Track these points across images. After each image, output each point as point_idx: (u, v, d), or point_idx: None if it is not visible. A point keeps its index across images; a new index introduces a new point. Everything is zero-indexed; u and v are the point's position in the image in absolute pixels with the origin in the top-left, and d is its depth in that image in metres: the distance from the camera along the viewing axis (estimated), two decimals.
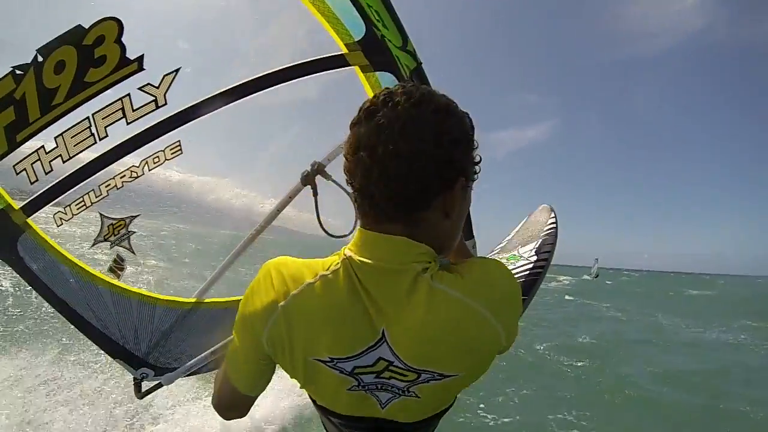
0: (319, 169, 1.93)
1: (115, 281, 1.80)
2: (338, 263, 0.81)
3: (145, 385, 2.03)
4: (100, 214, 1.68)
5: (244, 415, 1.02)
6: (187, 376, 2.05)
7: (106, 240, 1.72)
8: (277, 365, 0.91)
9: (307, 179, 1.94)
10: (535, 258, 1.93)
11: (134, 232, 1.75)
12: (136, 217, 1.74)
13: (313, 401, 0.95)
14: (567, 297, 21.69)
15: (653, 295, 25.09)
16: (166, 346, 2.02)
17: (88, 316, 1.78)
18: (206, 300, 2.03)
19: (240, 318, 0.88)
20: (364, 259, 0.78)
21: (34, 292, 1.61)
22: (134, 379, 2.01)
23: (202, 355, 1.96)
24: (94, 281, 1.76)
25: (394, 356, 0.78)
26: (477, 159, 0.83)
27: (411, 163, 0.72)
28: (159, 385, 1.99)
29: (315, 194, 1.97)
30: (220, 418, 1.06)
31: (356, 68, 1.56)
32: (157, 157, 1.66)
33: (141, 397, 2.03)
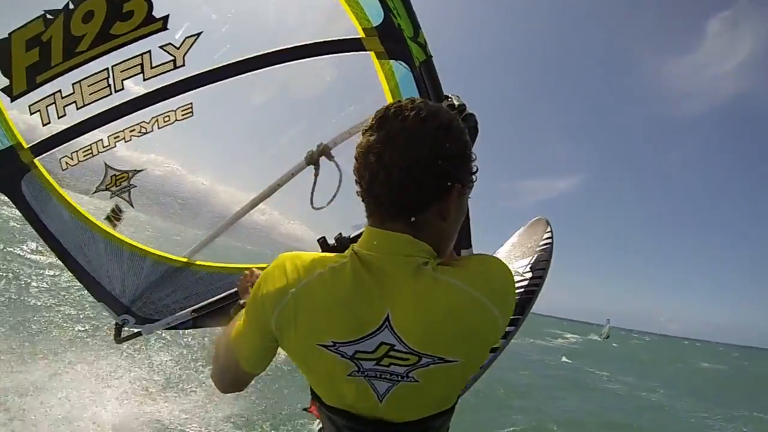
0: (324, 151, 1.97)
1: (110, 230, 1.84)
2: (346, 257, 0.88)
3: (126, 333, 2.09)
4: (105, 164, 1.72)
5: (242, 390, 1.11)
6: (166, 329, 2.12)
7: (107, 189, 1.75)
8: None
9: (312, 158, 1.98)
10: (530, 275, 1.97)
11: (135, 186, 1.79)
12: (140, 171, 1.78)
13: (316, 402, 0.99)
14: (564, 359, 19.70)
15: (661, 365, 23.41)
16: (151, 298, 2.07)
17: (80, 258, 1.82)
18: (197, 262, 2.08)
19: (252, 300, 0.95)
20: (371, 252, 0.86)
21: None
22: (116, 323, 2.06)
23: (183, 312, 2.02)
24: (90, 227, 1.80)
25: (396, 339, 0.83)
26: (474, 169, 0.92)
27: (411, 171, 0.81)
28: (139, 334, 2.05)
29: (316, 174, 2.01)
30: None
31: (371, 54, 1.59)
32: (168, 116, 1.69)
33: (119, 342, 2.08)
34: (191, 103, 1.70)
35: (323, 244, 1.71)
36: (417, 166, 0.81)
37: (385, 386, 0.87)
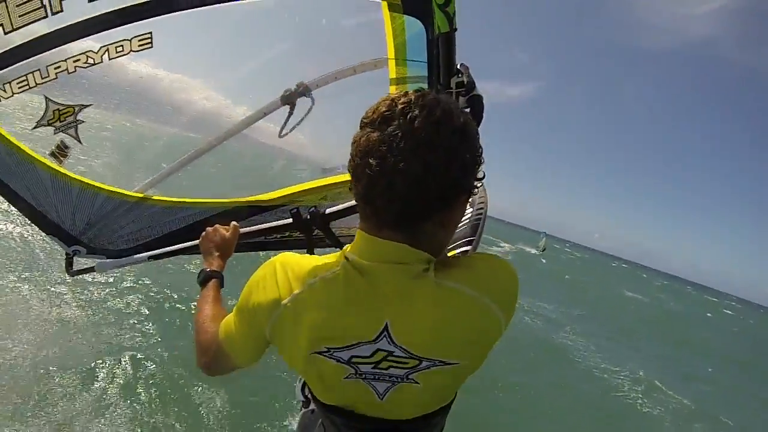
0: (303, 91, 1.80)
1: (56, 166, 1.63)
2: (338, 266, 0.84)
3: (79, 266, 2.00)
4: (45, 97, 1.45)
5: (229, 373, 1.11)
6: (120, 267, 2.05)
7: (50, 125, 1.50)
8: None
9: (288, 98, 1.81)
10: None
11: (83, 122, 1.54)
12: (87, 106, 1.52)
13: (314, 400, 1.00)
14: None
15: (586, 290, 20.47)
16: (103, 230, 1.95)
17: (26, 196, 1.64)
18: (153, 197, 1.93)
19: (243, 307, 0.94)
20: (366, 261, 0.81)
21: None
22: (66, 254, 1.95)
23: (139, 256, 1.93)
24: (33, 163, 1.58)
25: (395, 347, 0.82)
26: (481, 175, 0.84)
27: (418, 183, 0.73)
28: (92, 269, 1.97)
29: (290, 113, 1.86)
30: None
31: (383, 4, 1.37)
32: (121, 46, 1.41)
33: (71, 275, 2.00)
34: (150, 33, 1.41)
35: (296, 216, 1.65)
36: (424, 176, 0.72)
37: (385, 386, 0.88)
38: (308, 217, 1.62)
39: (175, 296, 5.31)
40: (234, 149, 2.06)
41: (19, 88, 1.38)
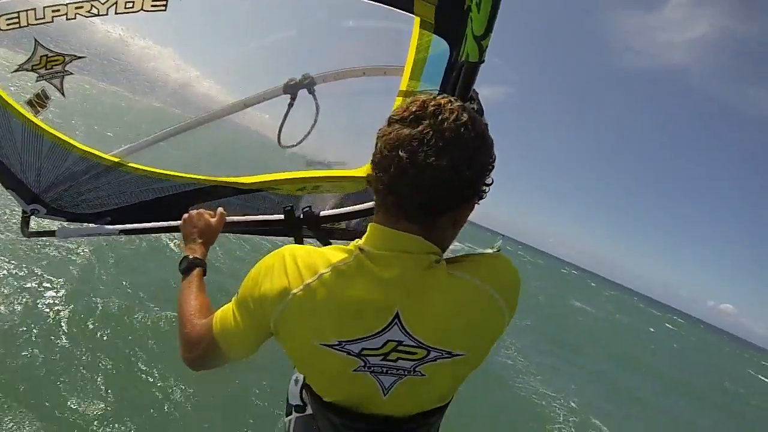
0: (307, 84, 1.77)
1: (30, 115, 1.50)
2: (350, 257, 0.86)
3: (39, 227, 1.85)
4: (35, 40, 1.33)
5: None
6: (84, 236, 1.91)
7: (34, 70, 1.38)
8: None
9: (292, 88, 1.77)
10: None
11: (71, 74, 1.43)
12: (80, 58, 1.42)
13: (312, 401, 1.00)
14: None
15: (535, 296, 18.46)
16: (69, 191, 1.81)
17: None
18: (129, 163, 1.81)
19: (248, 297, 0.92)
20: (381, 251, 0.84)
21: None
22: (23, 212, 1.79)
23: (110, 228, 1.81)
24: (5, 108, 1.45)
25: (405, 335, 0.84)
26: (490, 181, 0.89)
27: (444, 177, 0.78)
28: (51, 234, 1.82)
29: (291, 105, 1.82)
30: None
31: (416, 19, 1.37)
32: (132, 2, 1.33)
33: (27, 236, 1.84)
34: None
35: (288, 213, 1.61)
36: (450, 172, 0.78)
37: (391, 380, 0.88)
38: (301, 216, 1.59)
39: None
40: (221, 130, 1.98)
41: (8, 24, 1.26)
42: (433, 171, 0.77)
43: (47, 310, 3.84)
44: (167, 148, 1.92)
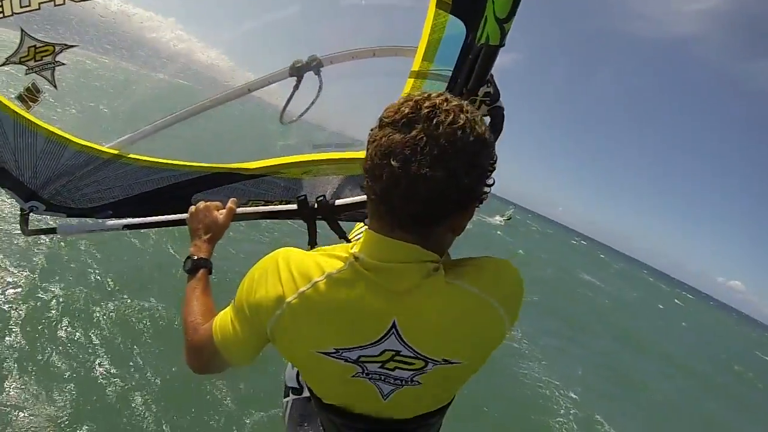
0: (314, 66, 1.68)
1: (22, 111, 1.40)
2: (345, 264, 0.83)
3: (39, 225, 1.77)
4: (22, 30, 1.22)
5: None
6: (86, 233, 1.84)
7: (22, 63, 1.27)
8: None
9: (298, 70, 1.68)
10: None
11: (63, 64, 1.32)
12: (71, 47, 1.30)
13: (313, 400, 0.99)
14: None
15: (543, 270, 17.87)
16: (67, 185, 1.72)
17: None
18: (129, 155, 1.72)
19: (242, 304, 0.90)
20: (376, 261, 0.81)
21: None
22: (21, 210, 1.72)
23: (113, 222, 1.74)
24: None
25: (403, 345, 0.83)
26: (491, 182, 0.85)
27: (440, 188, 0.73)
28: (53, 231, 1.75)
29: (296, 87, 1.74)
30: None
31: None
32: None
33: (27, 234, 1.77)
34: None
35: (302, 203, 1.55)
36: (446, 182, 0.73)
37: (390, 388, 0.89)
38: (315, 206, 1.53)
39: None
40: (221, 113, 1.88)
41: None
42: (427, 182, 0.72)
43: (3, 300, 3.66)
44: (166, 136, 1.82)
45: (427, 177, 0.71)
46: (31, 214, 1.72)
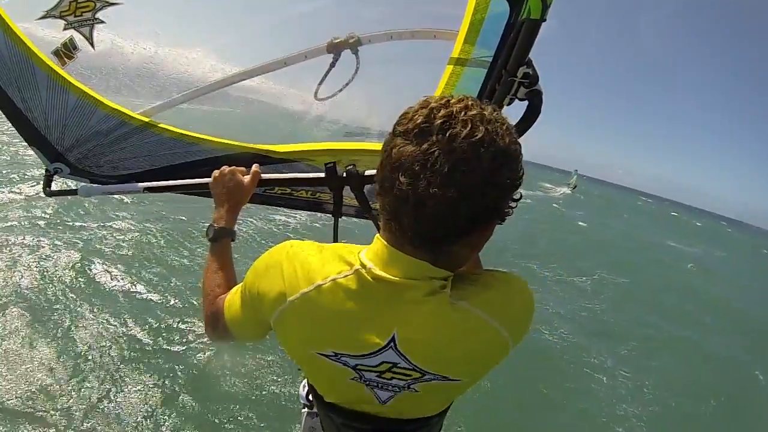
0: (352, 44, 1.64)
1: (57, 67, 1.37)
2: (350, 270, 0.79)
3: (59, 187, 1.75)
4: None
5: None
6: (106, 194, 1.82)
7: (61, 17, 1.25)
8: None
9: (336, 47, 1.64)
10: None
11: (102, 22, 1.30)
12: (114, 5, 1.28)
13: (314, 399, 0.99)
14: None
15: (625, 240, 16.23)
16: (93, 150, 1.70)
17: (13, 94, 1.38)
18: (159, 124, 1.69)
19: (248, 290, 0.91)
20: (383, 273, 0.77)
21: None
22: (46, 170, 1.70)
23: (134, 185, 1.72)
24: (30, 57, 1.32)
25: (401, 358, 0.80)
26: (517, 196, 0.78)
27: (451, 208, 0.67)
28: (73, 192, 1.72)
29: (332, 65, 1.70)
30: None
31: None
32: None
33: (49, 195, 1.75)
34: None
35: (330, 171, 1.50)
36: (458, 202, 0.67)
37: (387, 394, 0.87)
38: (344, 175, 1.48)
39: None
40: (254, 93, 1.84)
41: None
42: (436, 202, 0.66)
43: None
44: (195, 113, 1.79)
45: (437, 196, 0.65)
46: (54, 176, 1.70)
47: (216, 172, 1.34)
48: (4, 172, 6.60)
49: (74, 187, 1.72)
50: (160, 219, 6.01)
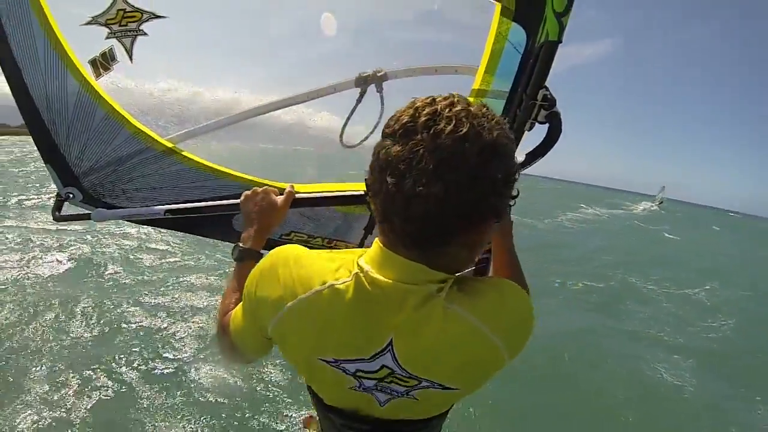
0: (378, 78, 1.69)
1: (90, 78, 1.38)
2: (349, 276, 0.79)
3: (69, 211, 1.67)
4: None
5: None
6: (121, 219, 1.73)
7: (106, 25, 1.29)
8: None
9: (364, 82, 1.69)
10: None
11: (145, 34, 1.34)
12: (158, 17, 1.33)
13: (314, 399, 0.99)
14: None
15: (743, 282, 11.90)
16: (110, 177, 1.64)
17: (40, 102, 1.36)
18: (183, 152, 1.66)
19: (248, 298, 0.91)
20: (379, 276, 0.77)
21: None
22: (57, 194, 1.62)
23: (154, 208, 1.64)
24: (65, 62, 1.33)
25: (396, 365, 0.80)
26: (515, 193, 0.77)
27: (437, 207, 0.67)
28: (86, 217, 1.63)
29: (359, 100, 1.74)
30: None
31: (497, 6, 1.33)
32: None
33: (57, 219, 1.66)
34: None
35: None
36: (445, 200, 0.66)
37: (386, 397, 0.87)
38: None
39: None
40: (285, 127, 1.87)
41: None
42: (421, 201, 0.66)
43: None
44: (217, 144, 1.79)
45: (422, 195, 0.65)
46: (66, 201, 1.62)
47: (247, 192, 1.32)
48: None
49: (87, 211, 1.64)
50: None
